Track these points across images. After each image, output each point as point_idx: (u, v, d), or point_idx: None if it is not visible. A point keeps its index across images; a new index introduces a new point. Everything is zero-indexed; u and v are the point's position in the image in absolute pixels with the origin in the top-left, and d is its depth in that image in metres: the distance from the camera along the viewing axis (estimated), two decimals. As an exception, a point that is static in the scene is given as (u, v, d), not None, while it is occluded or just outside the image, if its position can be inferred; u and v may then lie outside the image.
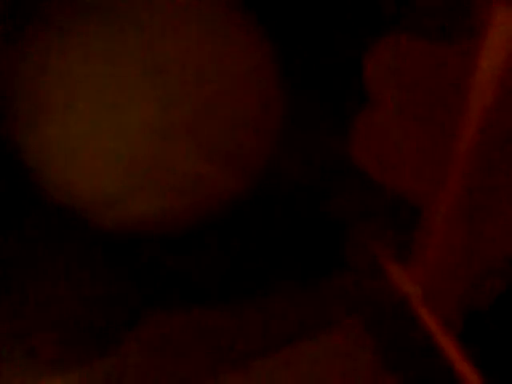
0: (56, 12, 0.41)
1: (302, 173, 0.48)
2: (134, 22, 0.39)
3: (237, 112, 0.41)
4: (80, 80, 0.39)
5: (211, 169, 0.40)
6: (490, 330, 0.44)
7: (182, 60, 0.39)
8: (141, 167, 0.39)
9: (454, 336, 0.41)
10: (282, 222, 0.47)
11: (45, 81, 0.40)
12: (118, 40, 0.39)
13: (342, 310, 0.43)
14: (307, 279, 0.45)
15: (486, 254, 0.42)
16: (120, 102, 0.39)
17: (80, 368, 0.41)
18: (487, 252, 0.41)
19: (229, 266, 0.46)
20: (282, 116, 0.44)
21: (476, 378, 0.38)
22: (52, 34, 0.40)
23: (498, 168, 0.38)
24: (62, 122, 0.39)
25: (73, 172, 0.40)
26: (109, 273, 0.45)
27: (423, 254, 0.40)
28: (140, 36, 0.39)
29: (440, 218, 0.39)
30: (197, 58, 0.40)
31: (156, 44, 0.39)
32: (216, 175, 0.41)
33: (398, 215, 0.42)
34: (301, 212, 0.48)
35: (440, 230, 0.40)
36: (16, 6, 0.43)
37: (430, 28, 0.38)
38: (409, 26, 0.38)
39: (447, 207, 0.39)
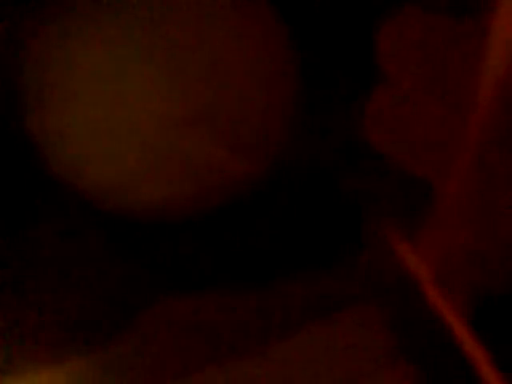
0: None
1: (315, 156, 0.48)
2: (149, 10, 0.40)
3: (251, 99, 0.41)
4: (93, 67, 0.40)
5: (225, 155, 0.41)
6: (504, 317, 0.43)
7: (196, 48, 0.39)
8: (154, 153, 0.40)
9: (466, 319, 0.40)
10: (295, 205, 0.47)
11: (58, 68, 0.41)
12: (132, 28, 0.39)
13: (356, 291, 0.43)
14: (322, 261, 0.45)
15: (503, 237, 0.41)
16: (133, 90, 0.39)
17: (79, 357, 0.41)
18: (504, 234, 0.41)
19: (244, 250, 0.45)
20: (296, 101, 0.44)
21: (488, 361, 0.38)
22: (63, 19, 0.41)
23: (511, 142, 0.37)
24: (74, 109, 0.40)
25: (85, 158, 0.41)
26: (114, 258, 0.45)
27: (435, 234, 0.40)
28: (154, 24, 0.39)
29: (451, 197, 0.39)
30: (211, 46, 0.40)
31: (169, 31, 0.39)
32: (230, 161, 0.41)
33: (410, 195, 0.42)
34: (315, 195, 0.48)
35: (451, 210, 0.39)
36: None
37: (443, 3, 0.38)
38: (421, 1, 0.38)
39: (459, 185, 0.39)
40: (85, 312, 0.43)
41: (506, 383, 0.38)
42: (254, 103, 0.41)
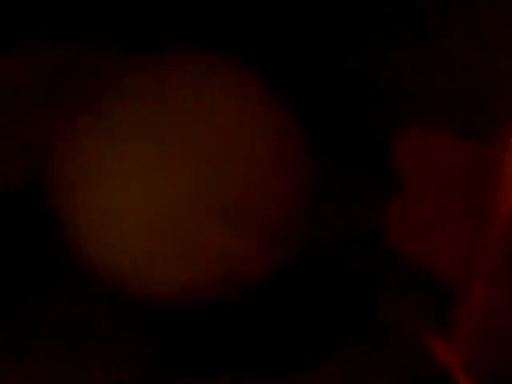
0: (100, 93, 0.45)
1: (332, 245, 0.50)
2: (175, 106, 0.43)
3: (273, 192, 0.43)
4: (121, 158, 0.42)
5: (245, 246, 0.43)
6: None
7: (220, 140, 0.42)
8: (174, 239, 0.42)
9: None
10: (313, 291, 0.49)
11: (87, 155, 0.43)
12: (158, 121, 0.42)
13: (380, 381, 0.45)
14: (340, 348, 0.46)
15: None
16: (157, 176, 0.41)
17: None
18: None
19: (257, 336, 0.47)
20: (315, 192, 0.46)
21: None
22: (96, 108, 0.44)
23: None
24: (100, 194, 0.42)
25: (106, 239, 0.43)
26: (130, 338, 0.46)
27: (462, 328, 0.44)
28: (183, 120, 0.42)
29: (477, 297, 0.43)
30: (234, 141, 0.42)
31: (194, 125, 0.42)
32: (249, 252, 0.43)
33: (434, 291, 0.45)
34: (331, 283, 0.49)
35: (478, 308, 0.43)
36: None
37: (459, 125, 0.42)
38: (436, 119, 0.43)
39: (484, 285, 0.42)
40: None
41: None
42: (276, 197, 0.43)
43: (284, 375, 0.45)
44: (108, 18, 0.51)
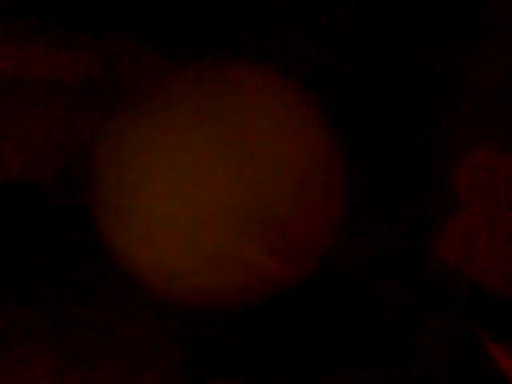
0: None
1: (356, 261, 0.50)
2: (217, 112, 0.42)
3: (307, 208, 0.43)
4: (163, 161, 0.42)
5: (274, 263, 0.42)
6: None
7: (265, 156, 0.42)
8: (208, 248, 0.42)
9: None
10: (334, 306, 0.49)
11: (129, 157, 0.43)
12: (200, 126, 0.42)
13: None
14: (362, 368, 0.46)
15: None
16: (195, 183, 0.41)
17: None
18: None
19: (279, 346, 0.47)
20: (343, 205, 0.46)
21: None
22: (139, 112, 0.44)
23: None
24: (140, 197, 0.42)
25: (144, 243, 0.43)
26: (159, 341, 0.46)
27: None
28: (221, 124, 0.42)
29: None
30: (278, 155, 0.42)
31: (242, 137, 0.42)
32: (278, 268, 0.43)
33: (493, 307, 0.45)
34: (354, 300, 0.49)
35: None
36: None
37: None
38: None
39: None
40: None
41: None
42: (306, 207, 0.43)
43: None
44: (157, 22, 0.50)
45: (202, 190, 0.42)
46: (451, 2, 0.49)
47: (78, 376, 0.44)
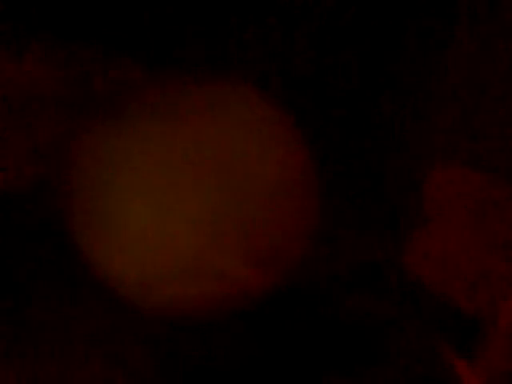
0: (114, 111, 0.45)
1: (327, 273, 0.50)
2: (193, 123, 0.43)
3: (280, 218, 0.43)
4: (133, 175, 0.43)
5: (247, 273, 0.43)
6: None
7: (239, 167, 0.42)
8: (183, 259, 0.42)
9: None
10: (307, 316, 0.49)
11: (105, 166, 0.43)
12: (174, 141, 0.43)
13: None
14: (335, 375, 0.47)
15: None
16: (172, 199, 0.42)
17: None
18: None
19: (255, 357, 0.47)
20: (318, 220, 0.46)
21: None
22: (109, 129, 0.44)
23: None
24: (116, 207, 0.43)
25: (119, 253, 0.43)
26: (132, 350, 0.47)
27: (486, 357, 0.44)
28: (191, 133, 0.43)
29: (500, 331, 0.43)
30: (249, 165, 0.43)
31: (216, 149, 0.43)
32: (251, 278, 0.43)
33: (455, 319, 0.45)
34: (325, 311, 0.49)
35: (501, 341, 0.43)
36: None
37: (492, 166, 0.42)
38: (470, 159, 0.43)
39: (508, 323, 0.43)
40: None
41: None
42: (282, 223, 0.43)
43: None
44: (129, 30, 0.51)
45: (177, 200, 0.42)
46: (420, 9, 0.49)
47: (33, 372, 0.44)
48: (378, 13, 0.50)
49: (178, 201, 0.42)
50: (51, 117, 0.48)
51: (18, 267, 0.49)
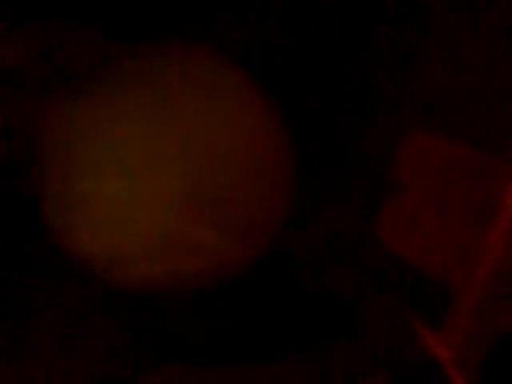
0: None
1: (304, 245, 0.52)
2: (165, 97, 0.43)
3: (253, 191, 0.44)
4: (105, 145, 0.42)
5: (222, 243, 0.44)
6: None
7: (206, 134, 0.43)
8: (156, 233, 0.42)
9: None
10: (286, 289, 0.50)
11: (72, 142, 0.43)
12: (148, 116, 0.43)
13: (364, 371, 0.47)
14: (314, 345, 0.47)
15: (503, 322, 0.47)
16: (142, 167, 0.42)
17: None
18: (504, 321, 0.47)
19: (235, 331, 0.48)
20: (292, 194, 0.47)
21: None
22: (82, 99, 0.44)
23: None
24: (86, 183, 0.43)
25: (91, 229, 0.43)
26: (109, 327, 0.47)
27: (455, 323, 0.46)
28: (167, 109, 0.43)
29: (471, 298, 0.45)
30: (223, 137, 0.43)
31: (190, 122, 0.43)
32: (226, 248, 0.44)
33: (427, 288, 0.47)
34: (304, 283, 0.50)
35: (470, 307, 0.45)
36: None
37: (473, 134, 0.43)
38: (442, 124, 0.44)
39: (478, 290, 0.45)
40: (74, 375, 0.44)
41: None
42: (256, 196, 0.44)
43: (261, 366, 0.46)
44: (102, 5, 0.48)
45: (149, 174, 0.42)
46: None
47: (22, 367, 0.44)
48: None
49: (151, 174, 0.42)
50: (23, 92, 0.46)
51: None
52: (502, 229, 0.43)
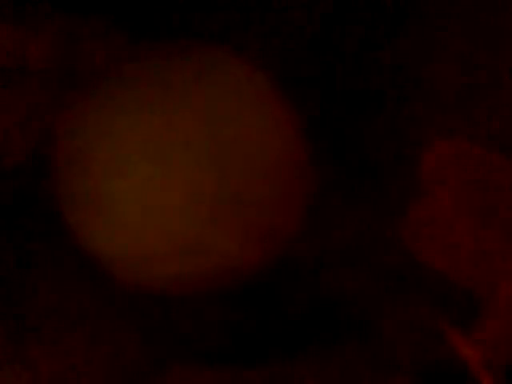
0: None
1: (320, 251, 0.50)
2: (182, 96, 0.43)
3: (271, 193, 0.43)
4: (124, 144, 0.42)
5: (237, 245, 0.43)
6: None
7: (219, 134, 0.42)
8: (172, 234, 0.42)
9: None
10: (303, 292, 0.49)
11: (90, 141, 0.43)
12: (166, 115, 0.42)
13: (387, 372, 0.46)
14: (329, 347, 0.47)
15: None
16: (169, 175, 0.42)
17: None
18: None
19: (248, 331, 0.47)
20: (310, 197, 0.46)
21: None
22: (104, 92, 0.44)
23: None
24: (108, 184, 0.42)
25: (107, 229, 0.43)
26: (120, 327, 0.47)
27: (484, 324, 0.44)
28: (180, 109, 0.42)
29: (500, 298, 0.44)
30: (233, 134, 0.42)
31: (212, 126, 0.42)
32: (241, 250, 0.43)
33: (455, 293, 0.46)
34: (320, 286, 0.49)
35: (499, 307, 0.44)
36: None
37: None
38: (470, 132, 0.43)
39: (507, 291, 0.43)
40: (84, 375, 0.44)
41: None
42: (272, 195, 0.43)
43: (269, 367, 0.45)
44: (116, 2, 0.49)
45: (171, 177, 0.42)
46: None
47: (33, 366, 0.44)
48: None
49: (173, 177, 0.42)
50: (41, 90, 0.47)
51: (8, 243, 0.49)
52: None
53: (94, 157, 0.43)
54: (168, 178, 0.42)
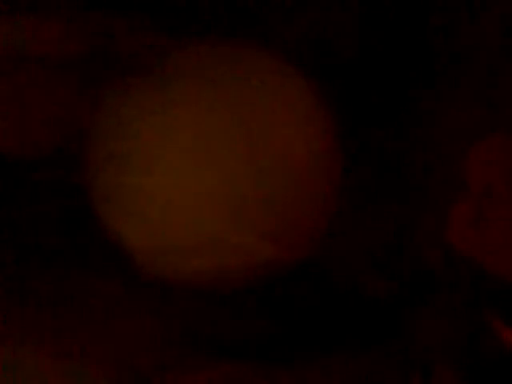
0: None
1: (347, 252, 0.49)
2: (216, 93, 0.42)
3: (299, 194, 0.43)
4: (156, 139, 0.42)
5: (267, 248, 0.43)
6: None
7: (264, 145, 0.42)
8: (199, 230, 0.42)
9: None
10: (326, 294, 0.48)
11: (122, 135, 0.43)
12: (196, 110, 0.42)
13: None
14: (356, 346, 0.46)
15: None
16: (193, 168, 0.42)
17: None
18: None
19: (274, 330, 0.47)
20: (337, 199, 0.46)
21: None
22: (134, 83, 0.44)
23: None
24: (137, 178, 0.43)
25: (140, 224, 0.43)
26: (145, 320, 0.46)
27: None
28: (212, 106, 0.42)
29: None
30: (276, 144, 0.42)
31: (241, 126, 0.42)
32: (266, 249, 0.43)
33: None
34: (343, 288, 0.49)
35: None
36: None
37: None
38: None
39: None
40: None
41: None
42: (300, 196, 0.43)
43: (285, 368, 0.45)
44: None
45: (199, 174, 0.42)
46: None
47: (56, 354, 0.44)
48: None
49: (201, 175, 0.42)
50: (73, 83, 0.47)
51: (33, 234, 0.49)
52: None
53: (128, 150, 0.43)
54: (200, 175, 0.42)
